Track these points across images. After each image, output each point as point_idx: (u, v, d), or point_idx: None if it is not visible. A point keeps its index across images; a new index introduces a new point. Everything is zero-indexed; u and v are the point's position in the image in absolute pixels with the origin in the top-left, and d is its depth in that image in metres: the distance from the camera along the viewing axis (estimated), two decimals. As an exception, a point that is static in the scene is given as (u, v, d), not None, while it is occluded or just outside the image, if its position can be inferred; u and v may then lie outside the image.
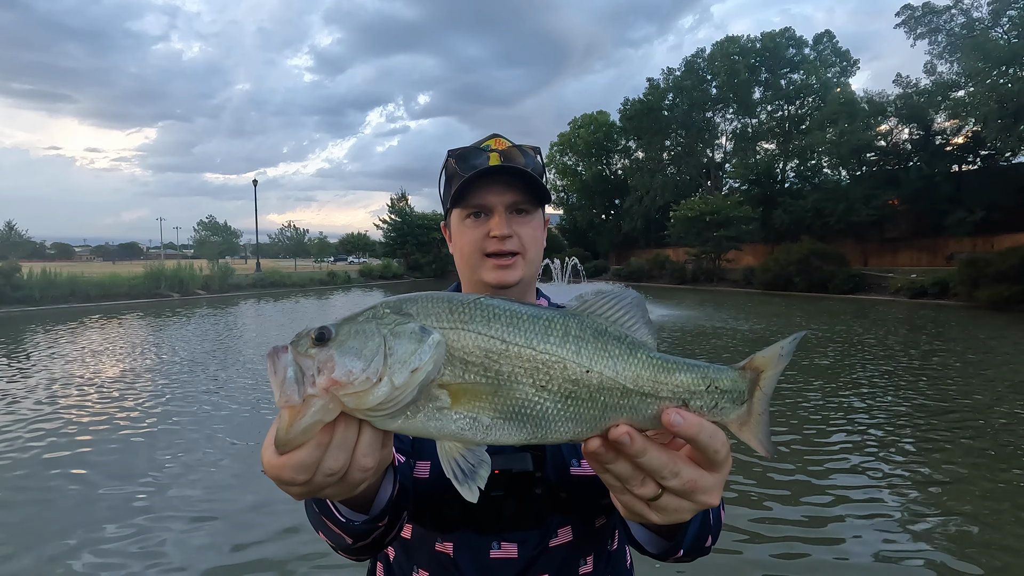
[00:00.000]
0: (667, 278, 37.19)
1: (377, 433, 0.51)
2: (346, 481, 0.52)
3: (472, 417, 0.51)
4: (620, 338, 0.54)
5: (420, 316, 0.52)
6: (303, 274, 37.53)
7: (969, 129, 30.08)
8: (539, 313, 0.54)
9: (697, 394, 0.54)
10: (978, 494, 4.36)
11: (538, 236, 0.98)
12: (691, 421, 0.51)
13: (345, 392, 0.47)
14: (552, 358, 0.52)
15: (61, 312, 19.36)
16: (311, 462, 0.48)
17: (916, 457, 5.17)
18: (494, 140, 0.97)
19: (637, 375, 0.53)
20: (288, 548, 3.58)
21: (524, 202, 0.95)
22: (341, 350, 0.48)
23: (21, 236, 79.16)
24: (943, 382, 8.21)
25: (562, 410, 0.52)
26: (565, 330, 0.53)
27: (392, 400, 0.48)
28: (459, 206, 0.96)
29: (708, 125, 45.60)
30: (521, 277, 0.95)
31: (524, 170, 0.91)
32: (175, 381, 8.35)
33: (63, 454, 5.30)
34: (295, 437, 0.47)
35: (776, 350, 0.57)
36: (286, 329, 14.94)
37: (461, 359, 0.51)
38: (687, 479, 0.53)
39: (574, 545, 0.89)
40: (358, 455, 0.51)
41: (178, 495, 4.39)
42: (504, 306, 0.54)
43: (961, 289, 20.49)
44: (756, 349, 0.53)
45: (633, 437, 0.51)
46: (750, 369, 0.56)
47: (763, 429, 0.56)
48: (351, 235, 74.52)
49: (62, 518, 4.01)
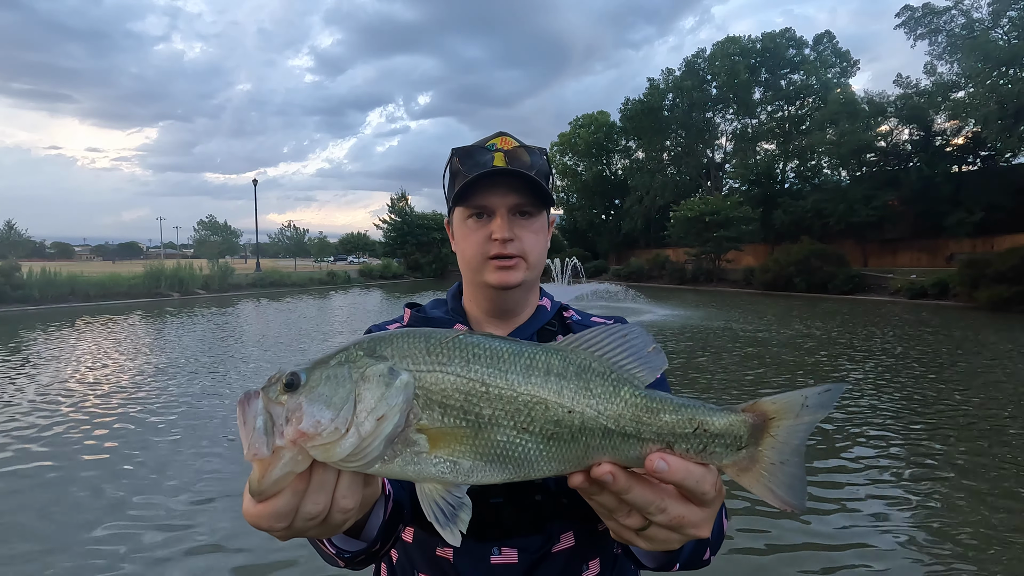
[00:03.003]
0: (667, 278, 37.19)
1: (357, 475, 0.50)
2: (328, 523, 0.51)
3: (452, 461, 0.49)
4: (604, 375, 0.52)
5: (395, 358, 0.49)
6: (303, 274, 37.52)
7: (969, 130, 30.10)
8: (521, 351, 0.52)
9: (683, 437, 0.51)
10: (978, 493, 4.35)
11: (541, 239, 0.97)
12: (676, 468, 0.49)
13: (312, 444, 0.45)
14: (534, 399, 0.50)
15: (61, 311, 19.35)
16: (288, 510, 0.47)
17: (916, 457, 5.16)
18: (500, 139, 0.96)
19: (619, 415, 0.51)
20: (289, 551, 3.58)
21: (527, 205, 0.93)
22: (310, 398, 0.46)
23: (21, 235, 79.15)
24: (943, 382, 8.20)
25: (544, 451, 0.50)
26: (547, 368, 0.51)
27: (360, 451, 0.46)
28: (461, 205, 0.95)
29: (708, 125, 45.60)
30: (523, 279, 0.94)
31: (528, 173, 0.90)
32: (175, 381, 8.34)
33: (63, 454, 5.30)
34: (267, 488, 0.46)
35: (797, 399, 0.52)
36: (286, 329, 14.95)
37: (440, 402, 0.49)
38: (674, 515, 0.52)
39: (576, 550, 0.88)
40: (338, 498, 0.49)
41: (178, 494, 4.39)
42: (485, 344, 0.52)
43: (961, 290, 20.50)
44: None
45: (616, 476, 0.50)
46: (753, 413, 0.52)
47: (777, 480, 0.52)
48: (351, 235, 74.47)
49: (59, 519, 4.00)
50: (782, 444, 0.52)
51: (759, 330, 14.13)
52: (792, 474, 0.52)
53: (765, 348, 11.19)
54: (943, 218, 29.16)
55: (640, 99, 46.63)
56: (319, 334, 13.87)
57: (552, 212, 1.03)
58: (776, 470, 0.51)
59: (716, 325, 15.28)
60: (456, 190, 0.93)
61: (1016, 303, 18.06)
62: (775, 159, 42.78)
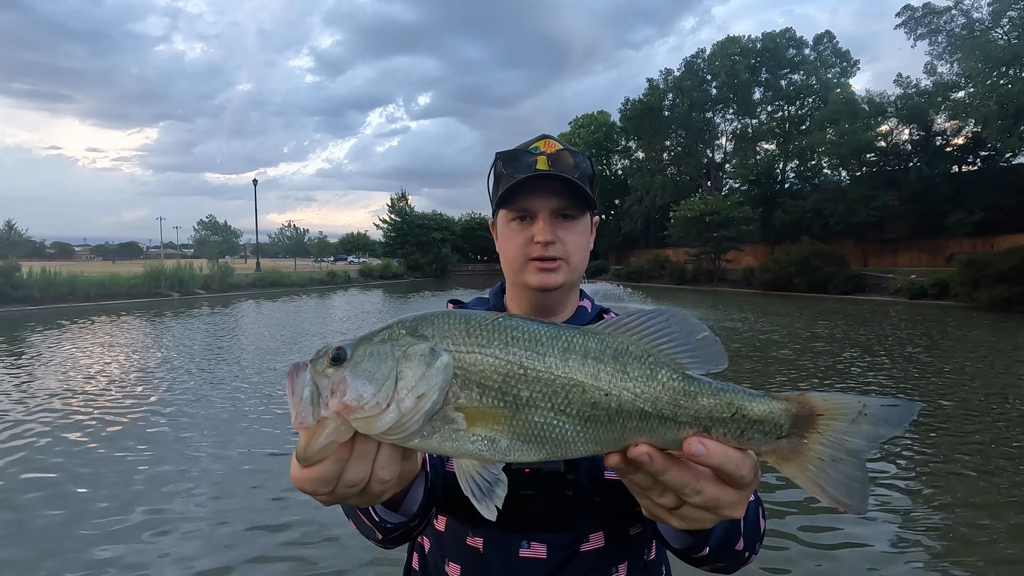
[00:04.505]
0: (667, 278, 37.19)
1: (396, 448, 0.52)
2: (367, 492, 0.53)
3: (490, 439, 0.50)
4: (641, 358, 0.52)
5: (436, 338, 0.51)
6: (303, 274, 37.50)
7: (969, 130, 30.11)
8: (559, 334, 0.53)
9: (720, 421, 0.51)
10: (978, 494, 4.35)
11: (583, 242, 0.97)
12: (714, 452, 0.50)
13: (355, 416, 0.47)
14: (571, 382, 0.50)
15: (61, 311, 19.34)
16: (331, 476, 0.50)
17: (916, 457, 5.16)
18: (543, 142, 0.95)
19: (656, 398, 0.51)
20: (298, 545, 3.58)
21: (569, 207, 0.94)
22: (354, 372, 0.48)
23: (21, 235, 79.17)
24: (943, 382, 8.21)
25: (581, 432, 0.51)
26: (585, 351, 0.52)
27: (400, 426, 0.48)
28: (505, 208, 0.97)
29: (708, 125, 45.60)
30: (564, 281, 0.95)
31: (570, 177, 0.91)
32: (175, 381, 8.34)
33: (60, 454, 5.30)
34: (313, 454, 0.48)
35: (853, 404, 0.51)
36: (285, 330, 14.95)
37: (478, 383, 0.50)
38: (709, 496, 0.52)
39: (606, 552, 0.88)
40: (377, 469, 0.52)
41: (176, 495, 4.39)
42: (523, 327, 0.52)
43: (961, 290, 20.50)
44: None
45: (653, 457, 0.50)
46: (798, 403, 0.51)
47: (828, 478, 0.51)
48: (351, 235, 74.52)
49: (57, 519, 4.01)
50: (835, 444, 0.50)
51: (760, 330, 14.13)
52: (848, 474, 0.50)
53: (766, 348, 11.20)
54: (943, 218, 29.16)
55: (640, 99, 46.64)
56: (320, 334, 13.88)
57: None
58: (827, 467, 0.50)
59: (716, 325, 15.27)
60: (500, 193, 0.94)
61: (1016, 303, 18.05)
62: (775, 159, 42.78)
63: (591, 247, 1.02)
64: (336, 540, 3.67)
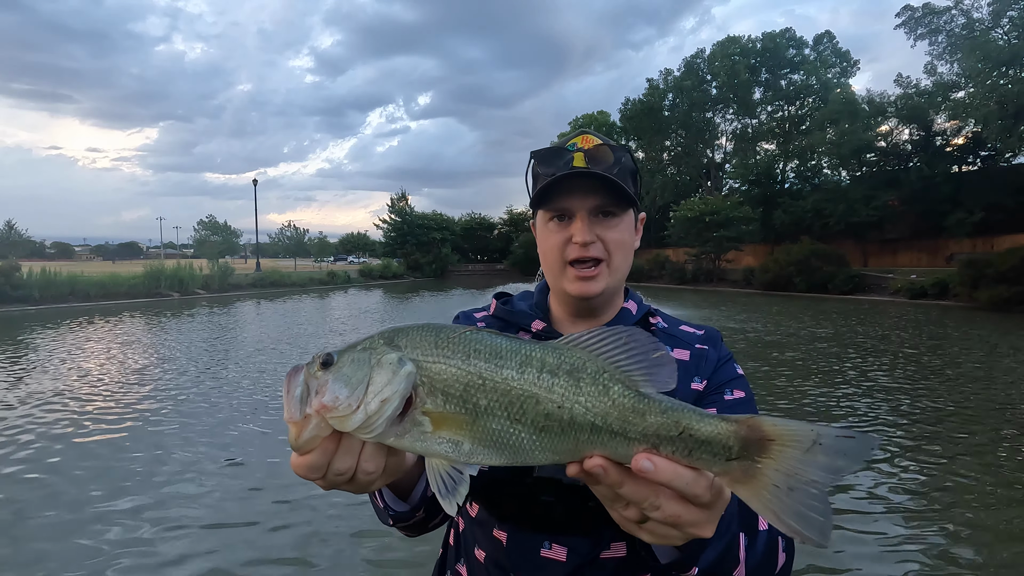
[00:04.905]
0: (667, 278, 37.20)
1: (379, 444, 0.57)
2: (356, 481, 0.58)
3: (453, 442, 0.55)
4: (595, 374, 0.54)
5: (407, 348, 0.56)
6: (303, 274, 37.51)
7: (969, 130, 30.10)
8: (519, 348, 0.56)
9: (668, 439, 0.52)
10: (978, 494, 4.35)
11: (625, 240, 0.93)
12: (662, 469, 0.50)
13: (330, 416, 0.53)
14: (526, 393, 0.53)
15: (61, 311, 19.34)
16: (320, 465, 0.56)
17: (916, 457, 5.16)
18: (581, 138, 0.92)
19: (607, 413, 0.53)
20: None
21: (609, 205, 0.90)
22: (335, 376, 0.54)
23: (21, 235, 79.18)
24: (943, 382, 8.20)
25: (537, 441, 0.54)
26: (541, 365, 0.54)
27: (367, 426, 0.53)
28: (542, 208, 0.94)
29: (708, 125, 45.61)
30: (604, 287, 0.91)
31: (606, 174, 0.87)
32: (174, 381, 8.34)
33: (58, 454, 5.30)
34: (301, 446, 0.55)
35: (807, 432, 0.49)
36: (285, 330, 14.94)
37: (442, 390, 0.54)
38: (669, 513, 0.52)
39: (627, 561, 0.85)
40: (362, 461, 0.57)
41: (178, 495, 4.39)
42: (486, 340, 0.56)
43: (961, 290, 20.51)
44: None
45: (607, 470, 0.52)
46: (747, 426, 0.51)
47: (783, 506, 0.50)
48: (351, 235, 74.55)
49: (54, 519, 4.00)
50: (790, 472, 0.49)
51: (763, 331, 14.13)
52: (806, 504, 0.49)
53: (770, 349, 11.20)
54: (943, 218, 29.16)
55: (640, 99, 46.65)
56: (320, 334, 13.88)
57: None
58: (783, 495, 0.50)
59: (718, 326, 15.27)
60: (536, 193, 0.92)
61: (1016, 303, 18.06)
62: (775, 159, 42.77)
63: (637, 245, 0.98)
64: (335, 540, 3.67)
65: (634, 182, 0.93)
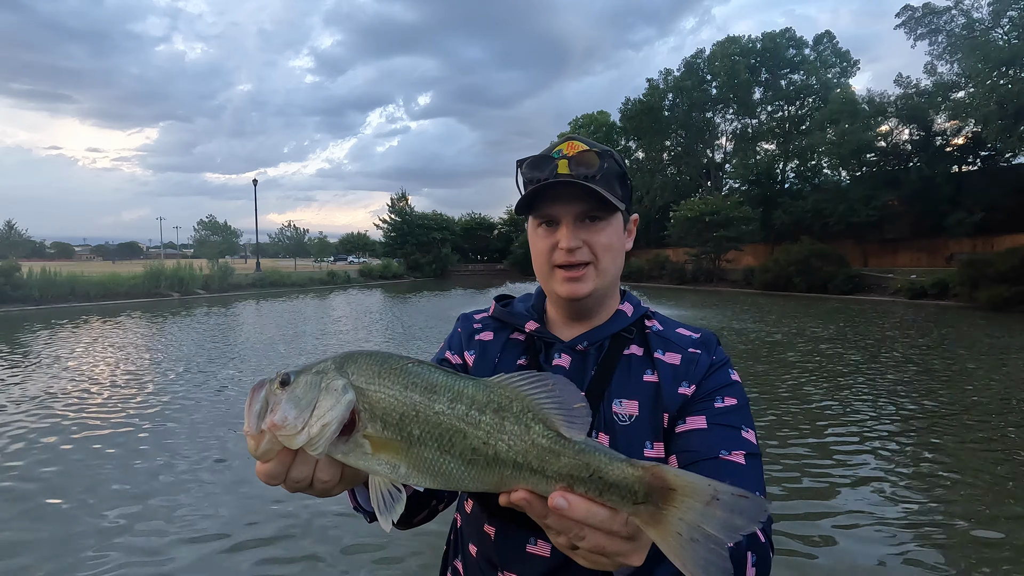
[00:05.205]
0: (667, 278, 37.20)
1: (332, 458, 0.61)
2: (314, 488, 0.62)
3: (392, 464, 0.59)
4: (520, 414, 0.57)
5: (354, 375, 0.59)
6: (303, 274, 37.50)
7: (969, 130, 30.05)
8: (452, 384, 0.59)
9: (580, 480, 0.54)
10: (978, 493, 4.35)
11: (613, 243, 0.94)
12: (576, 507, 0.52)
13: (279, 434, 0.57)
14: (454, 428, 0.57)
15: (61, 311, 19.34)
16: (278, 473, 0.60)
17: (916, 457, 5.16)
18: (567, 144, 0.93)
19: (527, 451, 0.56)
20: (287, 549, 3.58)
21: (594, 210, 0.92)
22: (288, 397, 0.58)
23: (21, 235, 79.13)
24: (943, 382, 8.21)
25: (465, 472, 0.58)
26: (471, 402, 0.58)
27: (311, 445, 0.57)
28: (529, 214, 0.97)
29: (708, 125, 45.57)
30: (593, 288, 0.93)
31: (586, 183, 0.88)
32: (173, 381, 8.34)
33: (61, 453, 5.30)
34: (259, 456, 0.59)
35: (704, 487, 0.51)
36: (285, 330, 14.94)
37: (381, 417, 0.58)
38: (593, 544, 0.54)
39: None
40: (317, 471, 0.61)
41: (174, 496, 4.39)
42: (424, 374, 0.60)
43: (961, 290, 20.50)
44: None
45: (531, 502, 0.55)
46: (651, 474, 0.52)
47: (687, 555, 0.50)
48: (351, 235, 74.44)
49: (51, 519, 4.00)
50: (692, 523, 0.51)
51: (766, 332, 14.13)
52: (706, 557, 0.50)
53: (773, 350, 11.20)
54: (943, 218, 29.13)
55: (640, 99, 46.59)
56: (320, 334, 13.88)
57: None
58: (686, 544, 0.51)
59: (720, 326, 15.28)
60: (523, 200, 0.94)
61: (1016, 303, 18.06)
62: (775, 159, 42.74)
63: (628, 247, 1.00)
64: (338, 538, 3.67)
65: (622, 185, 0.94)
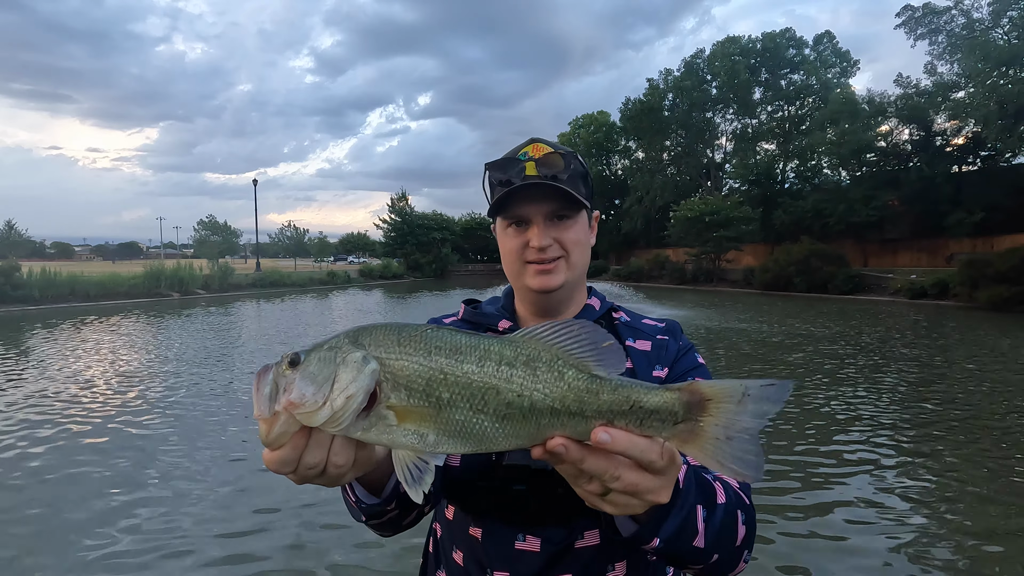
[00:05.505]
0: (667, 278, 37.20)
1: (348, 439, 0.59)
2: (327, 475, 0.60)
3: (419, 433, 0.58)
4: (551, 362, 0.58)
5: (371, 347, 0.58)
6: (303, 274, 37.53)
7: (969, 130, 30.05)
8: (477, 343, 0.59)
9: (621, 413, 0.57)
10: (978, 493, 4.35)
11: (582, 238, 0.99)
12: (618, 439, 0.55)
13: (298, 412, 0.55)
14: (486, 385, 0.57)
15: (61, 311, 19.34)
16: (291, 459, 0.58)
17: (917, 458, 5.16)
18: (532, 146, 0.97)
19: (563, 396, 0.57)
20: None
21: (562, 209, 0.96)
22: (302, 375, 0.56)
23: (21, 235, 79.16)
24: (943, 382, 8.21)
25: (500, 428, 0.58)
26: (499, 358, 0.58)
27: (334, 420, 0.55)
28: (500, 215, 0.99)
29: (708, 125, 45.57)
30: (564, 281, 0.97)
31: (558, 184, 0.92)
32: (175, 381, 8.34)
33: (60, 453, 5.30)
34: (272, 441, 0.57)
35: (736, 387, 0.57)
36: (285, 330, 14.95)
37: (405, 385, 0.57)
38: (628, 483, 0.57)
39: (601, 549, 0.89)
40: (331, 455, 0.59)
41: (174, 497, 4.39)
42: (446, 337, 0.60)
43: (961, 290, 20.50)
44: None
45: (568, 447, 0.56)
46: (688, 392, 0.57)
47: (724, 453, 0.57)
48: (351, 235, 74.46)
49: (49, 520, 4.00)
50: (727, 424, 0.56)
51: (768, 332, 14.13)
52: (743, 448, 0.56)
53: (775, 351, 11.20)
54: (943, 218, 29.12)
55: (640, 99, 46.59)
56: (319, 334, 13.88)
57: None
58: (723, 445, 0.56)
59: (717, 325, 15.28)
60: (493, 202, 0.97)
61: (1016, 303, 18.06)
62: (775, 159, 42.75)
63: (592, 243, 1.04)
64: (337, 533, 3.67)
65: (585, 184, 0.99)
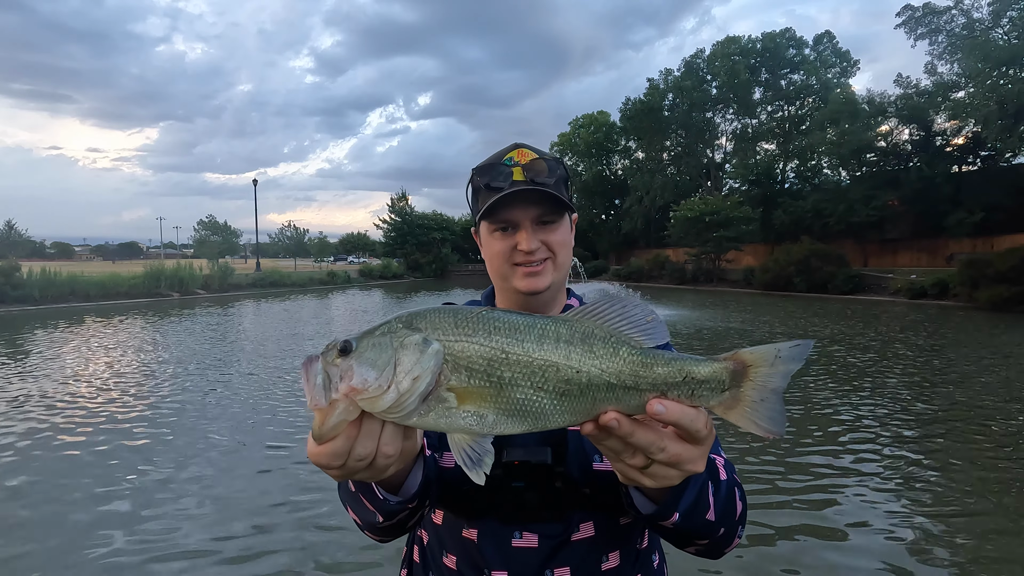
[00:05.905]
0: (667, 278, 37.21)
1: (398, 426, 0.61)
2: (374, 466, 0.62)
3: (478, 415, 0.59)
4: (605, 339, 0.61)
5: (428, 330, 0.59)
6: (303, 274, 37.52)
7: (969, 130, 30.07)
8: (534, 323, 0.61)
9: (674, 385, 0.60)
10: (978, 493, 4.35)
11: (566, 240, 1.02)
12: (672, 409, 0.59)
13: (361, 397, 0.56)
14: (547, 363, 0.59)
15: (61, 311, 19.35)
16: (343, 451, 0.59)
17: (917, 457, 5.16)
18: (517, 152, 0.99)
19: (620, 371, 0.60)
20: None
21: (549, 214, 0.98)
22: (359, 361, 0.56)
23: (21, 235, 79.20)
24: (943, 383, 8.21)
25: (557, 405, 0.60)
26: (557, 337, 0.61)
27: (399, 404, 0.56)
28: (487, 221, 1.01)
29: (708, 125, 45.58)
30: (551, 282, 1.00)
31: (546, 189, 0.95)
32: (173, 381, 8.34)
33: (60, 452, 5.31)
34: (326, 432, 0.57)
35: (771, 351, 0.61)
36: (285, 330, 14.95)
37: (466, 367, 0.58)
38: (672, 453, 0.61)
39: (596, 540, 0.92)
40: (381, 444, 0.60)
41: (174, 496, 4.39)
42: (504, 318, 0.62)
43: (961, 290, 20.51)
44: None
45: (621, 422, 0.59)
46: (733, 361, 0.61)
47: (759, 414, 0.61)
48: (351, 235, 74.45)
49: (47, 520, 4.00)
50: (761, 386, 0.61)
51: (769, 332, 14.13)
52: (772, 408, 0.61)
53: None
54: (943, 218, 29.14)
55: (640, 99, 46.59)
56: (319, 334, 13.88)
57: None
58: (758, 406, 0.61)
59: (716, 325, 15.28)
60: (481, 208, 0.98)
61: (1016, 303, 18.06)
62: (775, 159, 42.77)
63: (572, 244, 1.07)
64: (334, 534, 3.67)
65: (566, 188, 1.02)
